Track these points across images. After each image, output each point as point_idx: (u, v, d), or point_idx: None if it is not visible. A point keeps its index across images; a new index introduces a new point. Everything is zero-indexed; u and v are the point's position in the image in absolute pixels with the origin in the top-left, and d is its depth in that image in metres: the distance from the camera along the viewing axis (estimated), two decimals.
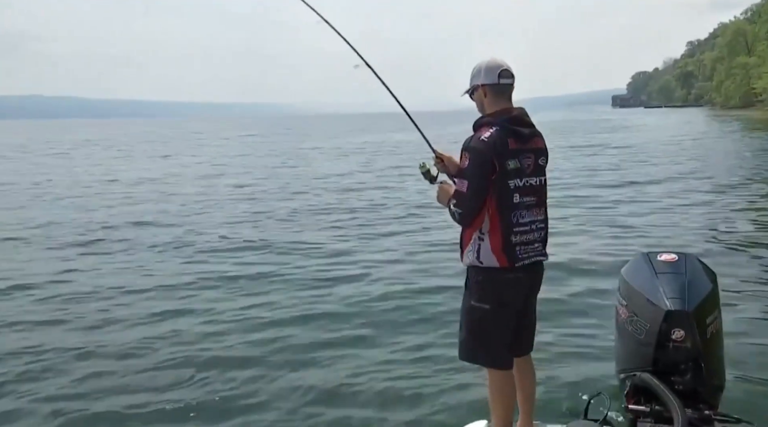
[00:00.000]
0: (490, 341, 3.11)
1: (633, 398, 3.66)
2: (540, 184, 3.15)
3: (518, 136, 3.04)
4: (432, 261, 10.56)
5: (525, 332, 3.27)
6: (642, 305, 3.57)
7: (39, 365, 6.50)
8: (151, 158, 40.20)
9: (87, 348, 6.90)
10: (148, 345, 6.98)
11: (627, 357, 3.73)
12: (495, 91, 3.12)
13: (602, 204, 16.60)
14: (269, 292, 9.07)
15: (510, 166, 3.00)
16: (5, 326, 7.82)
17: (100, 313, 8.19)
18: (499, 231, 3.01)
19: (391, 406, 5.52)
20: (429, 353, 6.56)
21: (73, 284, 9.73)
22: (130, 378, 6.15)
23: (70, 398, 5.80)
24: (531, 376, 3.32)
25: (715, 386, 3.71)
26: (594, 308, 7.62)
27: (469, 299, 3.16)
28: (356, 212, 16.37)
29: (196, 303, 8.60)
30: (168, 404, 5.60)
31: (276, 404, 5.59)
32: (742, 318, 7.13)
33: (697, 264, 3.71)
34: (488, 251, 3.03)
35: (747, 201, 16.75)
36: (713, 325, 3.56)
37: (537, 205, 3.12)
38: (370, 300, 8.59)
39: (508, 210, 3.02)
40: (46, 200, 20.04)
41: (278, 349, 6.83)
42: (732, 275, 8.98)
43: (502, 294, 3.08)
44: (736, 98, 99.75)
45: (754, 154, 30.39)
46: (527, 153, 3.07)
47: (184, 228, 14.43)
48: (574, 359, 6.11)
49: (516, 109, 3.13)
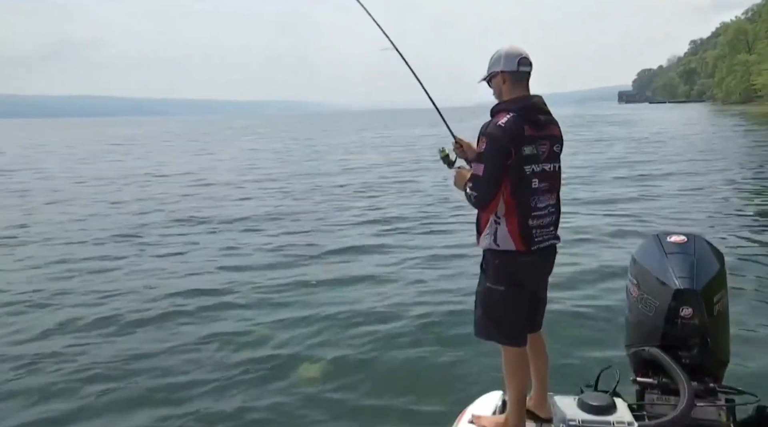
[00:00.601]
0: (505, 320, 3.07)
1: (641, 371, 3.63)
2: (554, 170, 3.07)
3: (534, 123, 2.98)
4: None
5: (537, 311, 3.23)
6: (652, 284, 3.53)
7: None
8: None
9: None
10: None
11: (637, 333, 3.69)
12: (514, 78, 3.04)
13: (615, 189, 16.57)
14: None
15: (526, 152, 2.93)
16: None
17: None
18: (515, 215, 2.96)
19: (410, 379, 5.55)
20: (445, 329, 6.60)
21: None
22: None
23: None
24: (543, 351, 3.28)
25: (720, 361, 3.67)
26: (606, 286, 7.60)
27: (485, 281, 3.11)
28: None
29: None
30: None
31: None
32: (748, 297, 7.10)
33: (705, 245, 3.66)
34: (505, 234, 2.98)
35: (752, 189, 16.71)
36: (720, 303, 3.51)
37: (550, 190, 3.05)
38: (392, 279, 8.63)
39: (526, 195, 2.96)
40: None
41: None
42: (739, 256, 8.99)
43: (517, 276, 3.03)
44: (737, 94, 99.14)
45: (756, 145, 30.11)
46: (543, 140, 3.01)
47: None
48: (586, 334, 6.13)
49: (534, 97, 3.06)
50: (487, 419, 3.14)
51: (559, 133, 3.13)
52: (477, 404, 3.36)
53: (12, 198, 19.18)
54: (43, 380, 5.77)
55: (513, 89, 3.04)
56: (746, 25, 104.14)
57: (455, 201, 14.52)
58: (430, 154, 27.81)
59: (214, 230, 13.03)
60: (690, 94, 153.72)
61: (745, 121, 53.89)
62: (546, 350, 3.32)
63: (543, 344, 3.30)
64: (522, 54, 3.03)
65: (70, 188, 21.22)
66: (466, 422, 3.13)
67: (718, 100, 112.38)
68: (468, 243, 9.67)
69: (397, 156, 31.25)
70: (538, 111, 3.03)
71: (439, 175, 18.31)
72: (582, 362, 5.29)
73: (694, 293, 3.39)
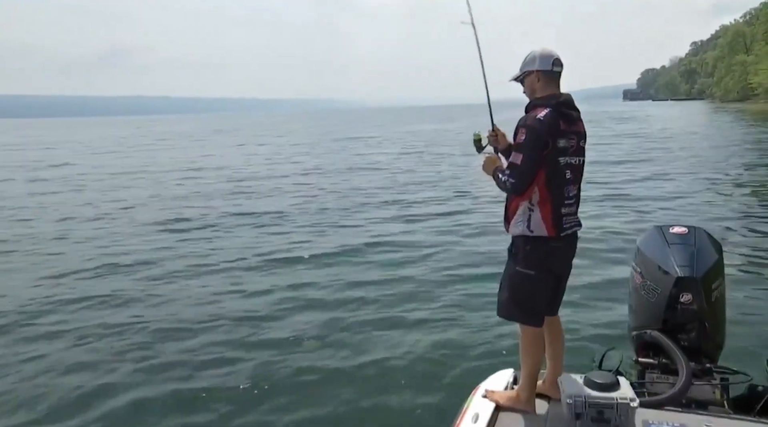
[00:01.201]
0: (529, 302, 3.07)
1: (643, 352, 3.65)
2: (579, 163, 3.07)
3: (567, 119, 3.00)
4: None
5: (558, 295, 3.24)
6: (655, 271, 3.54)
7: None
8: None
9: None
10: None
11: (639, 317, 3.70)
12: (548, 77, 3.06)
13: (621, 183, 16.48)
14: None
15: (560, 145, 2.94)
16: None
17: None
18: (549, 203, 2.95)
19: (427, 358, 5.58)
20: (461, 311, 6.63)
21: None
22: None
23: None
24: (560, 335, 3.28)
25: (716, 344, 3.68)
26: (611, 274, 7.61)
27: (514, 265, 3.09)
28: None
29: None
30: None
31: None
32: (744, 285, 7.09)
33: (705, 236, 3.66)
34: (539, 221, 2.96)
35: (749, 182, 16.60)
36: (717, 290, 3.52)
37: (575, 181, 3.05)
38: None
39: (560, 184, 2.97)
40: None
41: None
42: (737, 246, 8.97)
43: (548, 261, 3.03)
44: (735, 92, 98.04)
45: (754, 141, 29.70)
46: (572, 135, 3.01)
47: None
48: (592, 317, 6.18)
49: (564, 95, 3.07)
50: (499, 394, 3.17)
51: (584, 129, 3.13)
52: (489, 380, 3.38)
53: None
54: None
55: (546, 87, 3.06)
56: (744, 28, 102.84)
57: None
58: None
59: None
60: (690, 93, 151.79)
61: (742, 118, 53.08)
62: (563, 335, 3.32)
63: (560, 329, 3.30)
64: (555, 56, 3.06)
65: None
66: (479, 396, 3.16)
67: (716, 98, 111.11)
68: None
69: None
70: (569, 107, 3.04)
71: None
72: (589, 343, 5.33)
73: (693, 280, 3.40)
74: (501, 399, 3.12)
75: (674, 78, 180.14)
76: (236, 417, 4.69)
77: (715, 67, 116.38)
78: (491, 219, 11.32)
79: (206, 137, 54.48)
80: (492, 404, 3.05)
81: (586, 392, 2.73)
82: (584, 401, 2.70)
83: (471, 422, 2.89)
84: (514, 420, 2.94)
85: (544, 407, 3.05)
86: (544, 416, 2.96)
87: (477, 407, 3.04)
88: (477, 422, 2.88)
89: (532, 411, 3.03)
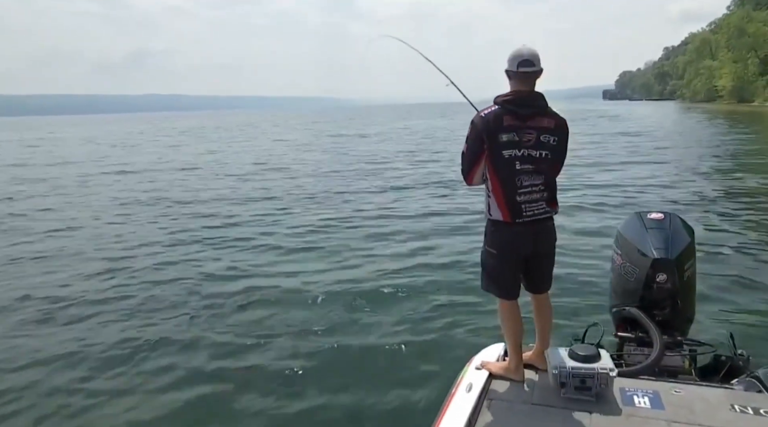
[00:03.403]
0: (498, 277, 3.04)
1: (622, 327, 3.64)
2: (540, 156, 2.92)
3: (515, 114, 2.88)
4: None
5: (537, 275, 3.14)
6: (633, 253, 3.51)
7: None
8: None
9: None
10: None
11: (619, 295, 3.67)
12: (515, 77, 2.93)
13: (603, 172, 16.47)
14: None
15: (503, 139, 2.86)
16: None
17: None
18: (500, 191, 2.90)
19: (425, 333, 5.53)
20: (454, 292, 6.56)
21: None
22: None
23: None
24: (547, 310, 3.21)
25: (687, 318, 3.66)
26: (593, 255, 7.55)
27: (484, 244, 3.09)
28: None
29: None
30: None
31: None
32: (713, 265, 7.04)
33: (678, 221, 3.63)
34: (495, 206, 2.94)
35: (715, 173, 16.58)
36: (689, 270, 3.49)
37: (536, 172, 2.92)
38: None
39: (510, 175, 2.89)
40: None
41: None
42: (707, 230, 9.01)
43: (507, 243, 2.97)
44: (702, 94, 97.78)
45: (720, 137, 29.57)
46: (528, 129, 2.89)
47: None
48: (576, 295, 6.13)
49: (525, 93, 2.93)
50: (492, 364, 3.13)
51: (551, 125, 2.95)
52: (483, 353, 3.36)
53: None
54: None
55: (514, 86, 2.95)
56: (710, 36, 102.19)
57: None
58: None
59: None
60: (663, 93, 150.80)
61: (709, 116, 52.75)
62: (551, 312, 3.23)
63: (549, 306, 3.21)
64: (524, 56, 2.89)
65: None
66: (473, 368, 3.13)
67: (686, 98, 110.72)
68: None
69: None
70: (521, 105, 2.90)
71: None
72: (572, 319, 5.28)
73: (668, 261, 3.37)
74: (493, 369, 3.08)
75: (649, 80, 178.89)
76: (232, 407, 4.47)
77: (685, 70, 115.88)
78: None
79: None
80: (485, 375, 3.02)
81: (570, 363, 2.73)
82: (568, 372, 2.70)
83: (465, 392, 2.86)
84: (505, 389, 2.91)
85: (533, 376, 3.02)
86: (532, 385, 2.94)
87: (471, 377, 3.01)
88: (470, 391, 2.85)
89: (521, 378, 3.00)
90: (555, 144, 2.97)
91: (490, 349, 3.40)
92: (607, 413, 2.59)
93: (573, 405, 2.66)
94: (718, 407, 2.60)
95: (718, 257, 7.54)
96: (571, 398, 2.70)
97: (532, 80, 2.93)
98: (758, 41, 76.65)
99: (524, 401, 2.78)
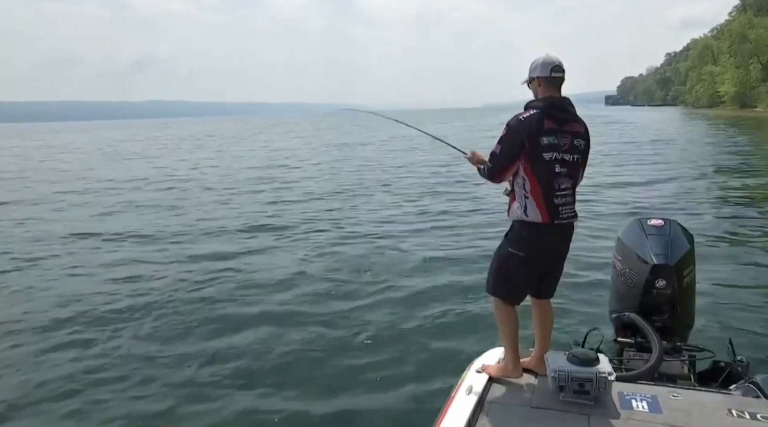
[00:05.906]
0: (512, 281, 3.05)
1: (621, 333, 3.66)
2: (573, 160, 2.99)
3: (555, 119, 2.95)
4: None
5: (549, 280, 3.18)
6: (633, 260, 3.54)
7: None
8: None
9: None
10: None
11: (619, 301, 3.69)
12: (547, 82, 3.01)
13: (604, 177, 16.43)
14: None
15: (544, 142, 2.90)
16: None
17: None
18: (540, 193, 2.92)
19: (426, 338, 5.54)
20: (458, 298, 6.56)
21: None
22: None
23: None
24: (549, 316, 3.23)
25: (686, 324, 3.70)
26: (594, 261, 7.54)
27: (507, 246, 3.06)
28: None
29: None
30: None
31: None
32: (712, 272, 7.01)
33: (678, 228, 3.66)
34: (534, 207, 2.93)
35: (717, 179, 16.47)
36: (689, 277, 3.52)
37: (569, 176, 2.99)
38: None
39: (550, 177, 2.92)
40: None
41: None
42: (706, 237, 8.91)
43: (538, 245, 2.98)
44: (704, 99, 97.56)
45: (722, 143, 29.48)
46: (564, 134, 2.96)
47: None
48: (576, 301, 6.13)
49: (559, 98, 3.02)
50: (491, 367, 3.15)
51: (583, 130, 3.06)
52: (483, 357, 3.38)
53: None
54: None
55: (545, 91, 3.02)
56: (712, 42, 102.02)
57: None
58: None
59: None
60: (665, 99, 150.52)
61: (711, 122, 52.63)
62: (552, 318, 3.26)
63: (550, 312, 3.24)
64: (555, 62, 3.00)
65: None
66: (473, 371, 3.15)
67: (688, 104, 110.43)
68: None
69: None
70: (559, 109, 2.99)
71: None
72: (573, 324, 5.30)
73: (668, 268, 3.41)
74: (492, 372, 3.10)
75: (651, 85, 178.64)
76: (228, 404, 4.48)
77: (687, 76, 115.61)
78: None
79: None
80: (485, 378, 3.04)
81: (569, 367, 2.75)
82: (567, 375, 2.72)
83: (465, 395, 2.88)
84: (504, 393, 2.93)
85: (532, 380, 3.04)
86: (531, 389, 2.96)
87: (471, 380, 3.03)
88: (470, 395, 2.87)
89: (520, 375, 3.04)
90: (584, 148, 3.06)
91: (490, 353, 3.42)
92: (605, 416, 2.61)
93: (572, 409, 2.68)
94: (716, 412, 2.62)
95: (717, 264, 7.52)
96: (570, 402, 2.72)
97: (559, 86, 3.03)
98: (760, 47, 76.64)
99: (523, 405, 2.80)
